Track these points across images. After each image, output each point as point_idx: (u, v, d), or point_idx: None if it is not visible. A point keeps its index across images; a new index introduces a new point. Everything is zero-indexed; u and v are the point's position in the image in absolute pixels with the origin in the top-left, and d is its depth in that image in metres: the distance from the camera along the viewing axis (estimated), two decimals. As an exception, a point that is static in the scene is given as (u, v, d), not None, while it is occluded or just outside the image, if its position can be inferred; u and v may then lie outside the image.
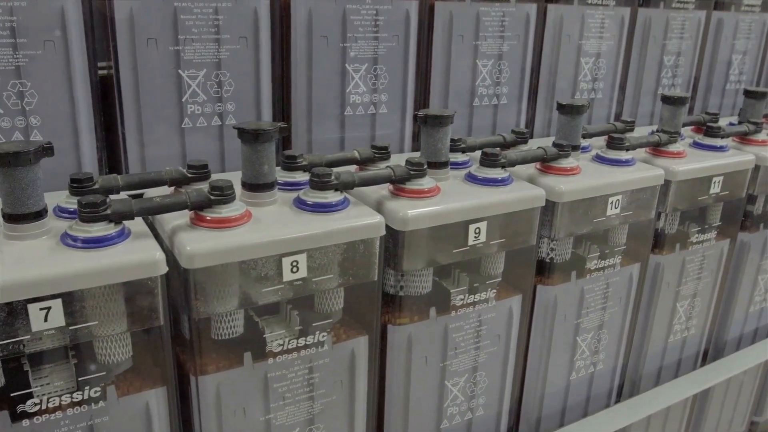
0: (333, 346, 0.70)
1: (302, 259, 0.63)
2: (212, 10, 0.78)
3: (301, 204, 0.67)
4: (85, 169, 0.77)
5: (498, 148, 0.89)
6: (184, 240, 0.59)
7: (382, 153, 0.79)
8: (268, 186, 0.67)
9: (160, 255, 0.57)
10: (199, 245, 0.59)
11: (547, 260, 0.85)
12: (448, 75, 0.98)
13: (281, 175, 0.74)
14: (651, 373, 1.07)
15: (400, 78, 0.93)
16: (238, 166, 0.68)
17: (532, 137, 1.11)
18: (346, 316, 0.72)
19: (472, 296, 0.78)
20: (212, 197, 0.62)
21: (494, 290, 0.80)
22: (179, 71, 0.78)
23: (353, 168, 0.80)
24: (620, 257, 0.92)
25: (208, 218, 0.62)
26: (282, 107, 0.87)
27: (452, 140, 0.84)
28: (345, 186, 0.68)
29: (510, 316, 0.83)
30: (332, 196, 0.67)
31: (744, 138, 1.07)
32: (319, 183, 0.67)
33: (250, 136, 0.65)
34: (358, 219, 0.66)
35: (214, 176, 0.75)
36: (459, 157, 0.84)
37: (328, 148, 0.91)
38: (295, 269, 0.63)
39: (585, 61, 1.11)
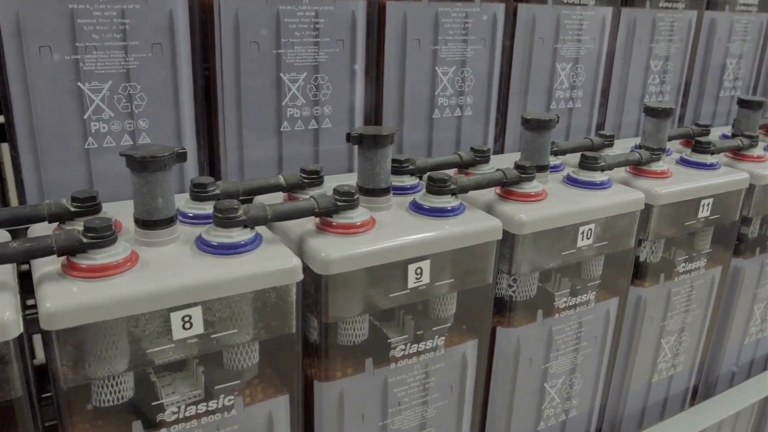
0: (246, 408, 0.60)
1: (196, 313, 0.53)
2: (116, 13, 0.67)
3: (203, 245, 0.56)
4: (-29, 196, 0.66)
5: (454, 170, 0.79)
6: (46, 295, 0.49)
7: (312, 178, 0.68)
8: (164, 222, 0.57)
9: (10, 315, 0.47)
10: (64, 301, 0.48)
11: (508, 299, 0.74)
12: (403, 84, 0.87)
13: (190, 207, 0.63)
14: (633, 415, 0.96)
15: (346, 88, 0.82)
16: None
17: (503, 152, 1.00)
18: (266, 371, 0.61)
19: (416, 345, 0.67)
20: (86, 240, 0.51)
21: (443, 337, 0.69)
22: (79, 84, 0.68)
23: (282, 196, 0.70)
24: (595, 292, 0.81)
25: (82, 266, 0.51)
26: (207, 123, 0.77)
27: (399, 161, 0.73)
28: (255, 222, 0.57)
29: (464, 364, 0.72)
30: (239, 235, 0.56)
31: (737, 153, 0.95)
32: (224, 219, 0.56)
33: (138, 165, 0.54)
34: (269, 263, 0.55)
35: (118, 204, 0.65)
36: (407, 181, 0.74)
37: (263, 168, 0.80)
38: (188, 325, 0.53)
39: (561, 67, 1.00)
